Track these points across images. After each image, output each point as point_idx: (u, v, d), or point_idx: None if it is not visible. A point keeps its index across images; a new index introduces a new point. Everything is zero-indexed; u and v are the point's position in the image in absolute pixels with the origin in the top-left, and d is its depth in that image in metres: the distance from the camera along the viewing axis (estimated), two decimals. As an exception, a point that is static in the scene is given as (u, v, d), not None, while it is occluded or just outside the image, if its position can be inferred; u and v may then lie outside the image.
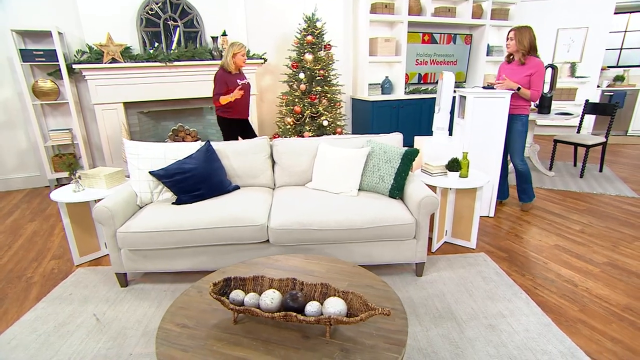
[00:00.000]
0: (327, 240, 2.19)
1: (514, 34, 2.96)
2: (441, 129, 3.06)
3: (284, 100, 4.46)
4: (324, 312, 1.28)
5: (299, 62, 4.34)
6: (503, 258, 2.58)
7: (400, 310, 1.40)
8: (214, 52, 4.14)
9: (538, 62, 2.96)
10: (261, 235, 2.17)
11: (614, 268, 2.42)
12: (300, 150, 2.67)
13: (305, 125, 4.44)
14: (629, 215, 3.23)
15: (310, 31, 4.25)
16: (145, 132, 4.24)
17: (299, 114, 4.40)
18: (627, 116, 6.52)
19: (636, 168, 4.62)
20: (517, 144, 3.14)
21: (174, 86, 4.08)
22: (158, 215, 2.20)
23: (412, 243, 2.25)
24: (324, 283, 1.41)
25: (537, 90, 2.97)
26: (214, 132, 4.70)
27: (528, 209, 3.39)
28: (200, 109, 4.61)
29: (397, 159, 2.44)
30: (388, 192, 2.42)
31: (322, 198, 2.41)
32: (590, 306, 2.06)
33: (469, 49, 5.77)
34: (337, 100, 4.54)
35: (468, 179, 2.59)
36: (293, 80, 4.42)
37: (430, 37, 5.40)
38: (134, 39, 3.90)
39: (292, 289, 1.44)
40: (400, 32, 5.07)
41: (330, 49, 4.41)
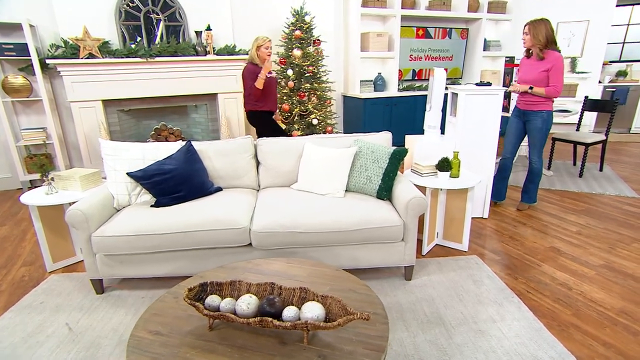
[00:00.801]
0: (312, 244, 2.22)
1: (529, 29, 3.00)
2: (433, 128, 3.09)
3: (272, 97, 4.48)
4: (301, 317, 1.30)
5: (287, 58, 4.36)
6: (496, 261, 2.62)
7: (382, 315, 1.43)
8: (198, 48, 4.15)
9: (557, 56, 2.98)
10: (243, 238, 2.19)
11: (610, 271, 2.47)
12: (286, 150, 2.69)
13: (294, 124, 4.46)
14: (628, 215, 3.29)
15: (298, 26, 4.28)
16: (126, 132, 4.24)
17: (288, 112, 4.42)
18: (630, 113, 6.62)
19: (637, 167, 4.70)
20: (536, 141, 3.19)
21: (156, 83, 4.09)
22: (136, 218, 2.21)
23: (400, 246, 2.28)
24: (303, 287, 1.43)
25: (555, 86, 2.99)
26: (198, 131, 4.71)
27: (524, 209, 3.44)
28: (184, 107, 4.62)
29: (385, 158, 2.47)
30: (376, 193, 2.45)
31: (307, 200, 2.43)
32: (584, 310, 2.10)
33: (465, 43, 5.83)
34: (327, 98, 4.58)
35: (459, 179, 2.63)
36: (281, 77, 4.45)
37: (425, 31, 5.46)
38: (112, 33, 3.91)
39: (270, 293, 1.46)
40: (393, 27, 5.12)
41: (319, 45, 4.44)
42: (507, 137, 3.42)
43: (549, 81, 3.03)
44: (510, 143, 3.40)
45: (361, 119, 5.09)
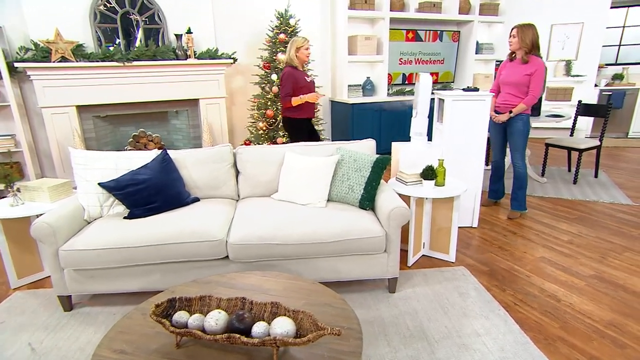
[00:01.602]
0: (291, 256, 2.24)
1: (517, 32, 3.18)
2: (419, 135, 3.15)
3: (256, 103, 4.53)
4: (271, 333, 1.33)
5: (271, 62, 4.42)
6: (484, 272, 2.66)
7: (356, 330, 1.46)
8: (178, 51, 4.19)
9: (540, 62, 3.17)
10: (220, 251, 2.21)
11: (601, 281, 2.52)
12: (266, 159, 2.73)
13: (278, 131, 4.51)
14: (622, 224, 3.36)
15: (283, 29, 4.35)
16: (102, 139, 4.25)
17: (272, 118, 4.47)
18: (628, 117, 6.77)
19: (634, 173, 4.80)
20: (518, 144, 3.35)
21: (135, 88, 4.12)
22: (107, 230, 2.22)
23: (382, 257, 2.32)
24: (274, 302, 1.45)
25: (534, 92, 3.19)
26: (179, 138, 4.73)
27: (515, 218, 3.52)
28: (164, 113, 4.64)
29: (368, 167, 2.52)
30: (358, 203, 2.49)
31: (287, 210, 2.46)
32: (572, 323, 2.15)
33: (457, 46, 5.95)
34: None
35: (444, 187, 2.68)
36: (265, 82, 4.50)
37: (415, 34, 5.56)
38: (87, 35, 3.93)
39: (241, 309, 1.48)
40: (382, 30, 5.22)
41: (305, 48, 4.50)
42: (492, 142, 3.61)
43: (529, 85, 3.22)
44: (497, 146, 3.58)
45: (349, 124, 5.15)
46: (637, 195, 4.01)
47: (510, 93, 3.33)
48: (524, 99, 3.27)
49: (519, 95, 3.30)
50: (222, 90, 4.53)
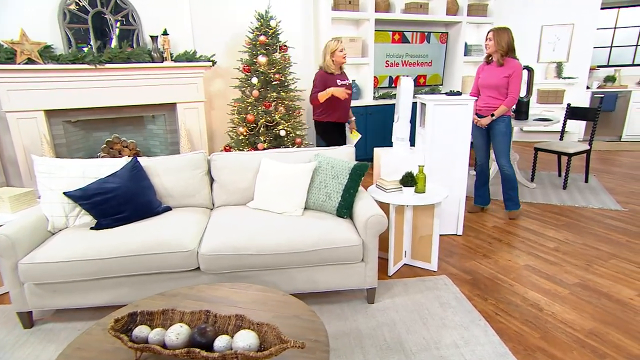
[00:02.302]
0: (265, 266, 2.27)
1: (493, 35, 3.37)
2: (401, 140, 3.21)
3: (236, 107, 4.56)
4: (233, 347, 1.35)
5: (251, 65, 4.46)
6: (466, 281, 2.71)
7: (323, 343, 1.49)
8: (153, 54, 4.21)
9: (517, 64, 3.36)
10: (191, 262, 2.23)
11: (585, 289, 2.58)
12: (241, 166, 2.76)
13: (259, 136, 4.54)
14: (609, 230, 3.44)
15: (263, 31, 4.39)
16: (73, 145, 4.24)
17: (253, 123, 4.50)
18: (620, 120, 6.94)
19: (626, 178, 4.92)
20: (502, 145, 3.52)
21: (108, 92, 4.12)
22: (72, 242, 2.22)
23: (360, 267, 2.35)
24: (239, 315, 1.48)
25: (513, 93, 3.37)
26: (156, 144, 4.74)
27: (516, 217, 3.72)
28: (140, 117, 4.65)
29: (345, 174, 2.56)
30: (335, 211, 2.53)
31: (263, 219, 2.49)
32: (553, 332, 2.20)
33: (445, 48, 6.06)
34: (296, 108, 4.68)
35: (425, 194, 2.73)
36: (245, 86, 4.54)
37: (401, 36, 5.66)
38: (55, 36, 3.93)
39: (205, 322, 1.50)
40: (367, 31, 5.30)
41: (286, 51, 4.56)
42: (475, 146, 3.75)
43: (508, 87, 3.39)
44: (480, 150, 3.71)
45: (334, 129, 5.19)
46: (626, 201, 4.11)
47: (491, 96, 3.49)
48: (504, 100, 3.42)
49: (499, 98, 3.46)
50: (201, 94, 4.56)
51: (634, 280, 2.66)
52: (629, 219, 3.64)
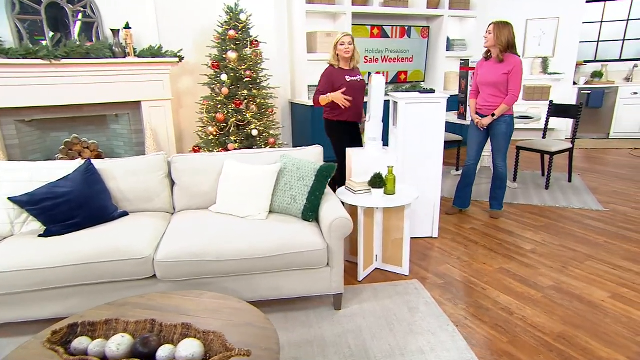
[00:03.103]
0: (226, 273, 2.30)
1: (493, 28, 3.41)
2: (373, 140, 3.26)
3: (205, 106, 4.57)
4: (176, 357, 1.38)
5: (220, 61, 4.48)
6: (438, 285, 2.78)
7: (274, 351, 1.52)
8: (115, 49, 4.20)
9: (517, 60, 3.41)
10: (146, 270, 2.25)
11: (558, 292, 2.67)
12: (203, 168, 2.78)
13: (230, 136, 4.56)
14: (588, 231, 3.56)
15: (233, 25, 4.41)
16: (28, 146, 4.20)
17: (223, 122, 4.52)
18: (608, 117, 7.13)
19: (610, 176, 5.07)
20: (502, 146, 3.62)
21: (66, 89, 4.08)
22: (17, 250, 2.22)
23: (325, 272, 2.40)
24: (186, 323, 1.51)
25: (513, 93, 3.43)
26: (120, 145, 4.72)
27: (498, 217, 3.86)
28: (103, 117, 4.62)
29: (311, 176, 2.60)
30: (301, 214, 2.57)
31: (224, 223, 2.52)
32: (522, 337, 2.27)
33: (427, 43, 6.15)
34: (269, 106, 4.71)
35: (395, 196, 2.79)
36: (215, 83, 4.55)
37: (381, 30, 5.73)
38: (4, 28, 3.88)
39: (150, 331, 1.53)
40: (344, 25, 5.35)
41: (258, 46, 4.59)
42: (469, 143, 3.79)
43: (508, 85, 3.42)
44: (473, 149, 3.77)
45: (310, 129, 5.24)
46: (608, 201, 4.24)
47: (491, 94, 3.54)
48: (504, 98, 3.47)
49: (499, 96, 3.51)
50: (168, 92, 4.55)
51: (608, 281, 2.76)
52: (609, 219, 3.76)
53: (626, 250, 3.18)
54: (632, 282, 2.74)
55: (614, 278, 2.80)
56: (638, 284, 2.72)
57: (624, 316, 2.40)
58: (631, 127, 7.04)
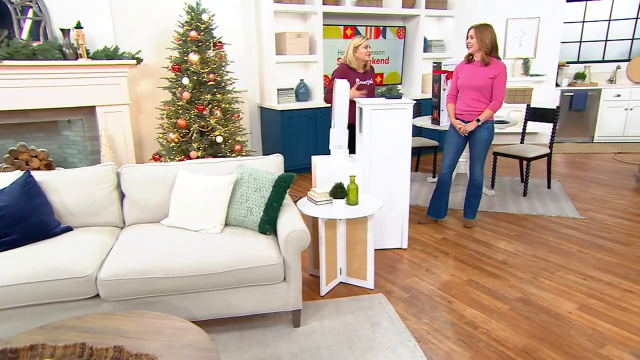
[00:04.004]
0: (176, 290, 2.31)
1: (475, 32, 3.51)
2: (339, 147, 3.33)
3: (165, 111, 4.58)
4: (105, 383, 1.40)
5: (181, 63, 4.50)
6: (403, 299, 2.84)
7: (212, 373, 1.56)
8: (65, 50, 4.19)
9: (502, 65, 3.54)
10: (88, 289, 2.25)
11: (525, 304, 2.76)
12: (155, 179, 2.80)
13: (193, 143, 4.57)
14: (563, 239, 3.68)
15: (194, 25, 4.45)
16: (-30, 156, 4.15)
17: (185, 128, 4.53)
18: (592, 120, 7.35)
19: (590, 183, 5.24)
20: (482, 153, 3.74)
21: (10, 93, 4.03)
22: (-52, 271, 2.20)
23: (282, 287, 2.44)
24: (118, 346, 1.53)
25: (498, 97, 3.55)
26: (73, 153, 4.69)
27: (471, 226, 3.96)
28: (54, 123, 4.60)
29: (268, 186, 2.65)
30: (257, 227, 2.61)
31: (176, 237, 2.54)
32: (484, 351, 2.35)
33: (403, 44, 6.28)
34: (235, 111, 4.75)
35: (357, 206, 2.85)
36: (176, 87, 4.57)
37: (354, 30, 5.84)
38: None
39: (80, 356, 1.55)
40: (315, 26, 5.44)
41: (222, 48, 4.63)
42: (446, 151, 3.86)
43: (492, 90, 3.55)
44: (449, 157, 3.85)
45: (279, 134, 5.30)
46: (586, 208, 4.39)
47: (474, 98, 3.62)
48: (487, 104, 3.57)
49: (482, 101, 3.60)
50: (125, 96, 4.56)
51: (577, 292, 2.86)
52: (585, 227, 3.90)
53: (599, 259, 3.31)
54: (600, 292, 2.85)
55: (584, 289, 2.90)
56: (607, 294, 2.83)
57: (590, 328, 2.49)
58: (615, 130, 7.27)
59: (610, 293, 2.84)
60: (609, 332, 2.45)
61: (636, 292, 2.84)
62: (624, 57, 7.52)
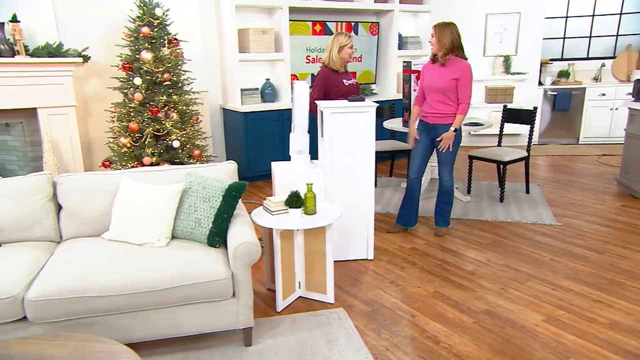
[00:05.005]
0: (114, 310, 2.32)
1: (435, 31, 3.62)
2: (299, 153, 3.38)
3: (116, 113, 4.57)
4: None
5: (133, 62, 4.50)
6: (364, 313, 2.90)
7: (140, 398, 1.58)
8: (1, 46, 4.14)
9: (466, 65, 3.62)
10: (13, 311, 2.23)
11: (491, 317, 2.84)
12: (95, 189, 2.80)
13: (146, 148, 4.57)
14: (536, 247, 3.79)
15: (146, 21, 4.45)
16: None
17: (137, 132, 4.53)
18: (577, 120, 7.57)
19: (571, 187, 5.40)
20: (448, 157, 3.82)
21: None
22: None
23: (231, 304, 2.47)
24: (37, 373, 1.54)
25: (465, 99, 3.64)
26: (12, 159, 4.64)
27: (442, 234, 4.04)
28: (-10, 126, 4.54)
29: (218, 196, 2.68)
30: (206, 240, 2.64)
31: (117, 252, 2.55)
32: (446, 366, 2.42)
33: (377, 41, 6.38)
34: (193, 113, 4.76)
35: (315, 216, 2.90)
36: (127, 87, 4.56)
37: (324, 26, 5.91)
38: None
39: (-5, 384, 1.55)
40: (280, 22, 5.49)
41: (177, 45, 4.64)
42: (413, 155, 3.97)
43: (458, 92, 3.64)
44: (416, 162, 3.94)
45: (243, 137, 5.32)
46: (564, 214, 4.53)
47: (438, 100, 3.71)
48: (454, 106, 3.67)
49: (447, 103, 3.69)
50: (70, 97, 4.53)
51: (545, 303, 2.96)
52: (560, 235, 4.02)
53: (571, 268, 3.42)
54: (569, 303, 2.96)
55: (552, 299, 3.00)
56: (575, 304, 2.94)
57: (554, 341, 2.59)
58: (601, 131, 7.50)
59: (578, 304, 2.95)
60: (573, 344, 2.54)
61: (605, 302, 2.95)
62: (608, 54, 7.77)
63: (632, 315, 2.79)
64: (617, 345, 2.51)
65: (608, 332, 2.64)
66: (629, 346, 2.51)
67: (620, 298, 3.00)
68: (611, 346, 2.51)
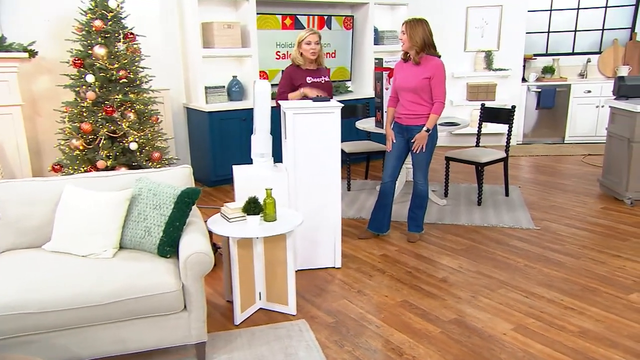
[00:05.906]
0: (54, 327, 2.32)
1: (405, 28, 3.68)
2: (261, 156, 3.42)
3: (67, 113, 4.54)
4: None
5: (85, 58, 4.48)
6: (327, 325, 2.95)
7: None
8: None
9: (438, 63, 3.69)
10: (-57, 330, 2.23)
11: (459, 326, 2.92)
12: (35, 197, 2.79)
13: (100, 151, 4.55)
14: (511, 253, 3.88)
15: (99, 13, 4.44)
16: None
17: (90, 134, 4.51)
18: (562, 119, 7.74)
19: (552, 189, 5.53)
20: (423, 160, 3.90)
21: None
22: None
23: (182, 318, 2.49)
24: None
25: (439, 98, 3.70)
26: (-43, 164, 4.58)
27: (415, 240, 4.11)
28: None
29: (170, 203, 2.70)
30: (156, 250, 2.65)
31: (58, 264, 2.55)
32: (408, 379, 2.48)
33: (351, 35, 6.45)
34: (152, 113, 4.76)
35: (275, 223, 2.94)
36: (79, 85, 4.54)
37: (294, 20, 5.96)
38: None
39: None
40: (247, 15, 5.52)
41: (134, 40, 4.63)
42: (387, 158, 4.04)
43: (431, 92, 3.71)
44: (390, 165, 4.01)
45: (208, 138, 5.34)
46: (542, 217, 4.64)
47: (411, 100, 3.78)
48: (428, 106, 3.74)
49: (420, 103, 3.76)
50: (16, 96, 4.49)
51: (515, 311, 3.05)
52: (536, 239, 4.13)
53: (545, 274, 3.52)
54: (540, 310, 3.04)
55: (523, 307, 3.09)
56: (546, 312, 3.03)
57: (522, 350, 2.66)
58: (587, 129, 7.69)
59: (549, 311, 3.04)
60: (540, 353, 2.62)
61: (576, 309, 3.05)
62: (594, 49, 7.97)
63: (602, 323, 2.89)
64: (584, 354, 2.60)
65: (577, 340, 2.73)
66: (596, 354, 2.60)
67: (592, 305, 3.10)
68: (578, 355, 2.60)
